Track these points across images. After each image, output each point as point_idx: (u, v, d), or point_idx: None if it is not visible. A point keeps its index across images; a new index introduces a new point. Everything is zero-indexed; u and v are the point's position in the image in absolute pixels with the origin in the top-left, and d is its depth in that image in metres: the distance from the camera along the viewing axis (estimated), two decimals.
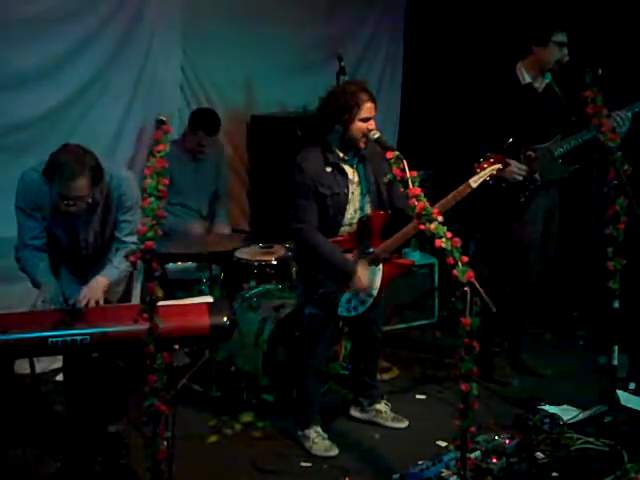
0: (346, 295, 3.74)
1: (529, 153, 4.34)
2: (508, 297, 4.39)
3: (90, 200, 3.41)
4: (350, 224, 3.76)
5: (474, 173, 3.57)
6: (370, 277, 3.77)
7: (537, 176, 4.36)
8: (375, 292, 3.81)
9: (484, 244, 4.85)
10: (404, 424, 4.10)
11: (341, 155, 3.71)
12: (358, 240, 3.74)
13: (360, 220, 3.75)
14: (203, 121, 4.95)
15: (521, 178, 4.30)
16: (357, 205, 3.75)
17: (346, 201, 3.72)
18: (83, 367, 3.58)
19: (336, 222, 3.73)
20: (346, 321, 4.06)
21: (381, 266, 3.80)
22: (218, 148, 5.28)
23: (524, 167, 4.31)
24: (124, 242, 3.58)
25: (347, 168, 3.73)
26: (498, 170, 3.60)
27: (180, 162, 4.90)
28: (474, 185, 3.55)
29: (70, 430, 3.70)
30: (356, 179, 3.75)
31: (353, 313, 3.78)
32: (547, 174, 4.37)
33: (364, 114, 3.61)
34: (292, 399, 4.09)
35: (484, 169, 3.57)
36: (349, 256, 3.73)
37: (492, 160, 3.60)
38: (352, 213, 3.75)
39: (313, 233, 3.66)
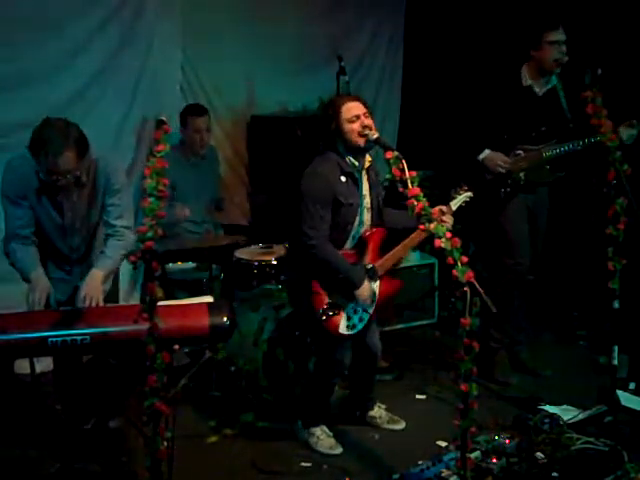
0: (346, 314, 3.72)
1: (518, 152, 4.37)
2: (501, 294, 4.39)
3: (78, 173, 3.40)
4: (354, 237, 3.76)
5: (452, 198, 3.86)
6: (375, 289, 3.78)
7: (521, 175, 4.38)
8: (372, 308, 3.80)
9: (478, 242, 4.87)
10: (401, 425, 4.09)
11: (356, 163, 3.70)
12: (358, 255, 3.75)
13: (362, 235, 3.76)
14: (187, 109, 5.01)
15: (503, 171, 4.34)
16: (361, 218, 3.75)
17: (357, 212, 3.72)
18: (73, 368, 3.58)
19: (345, 232, 3.72)
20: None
21: (378, 283, 3.81)
22: (214, 151, 5.28)
23: (509, 161, 4.33)
24: (113, 225, 3.57)
25: (360, 177, 3.74)
26: (469, 198, 3.89)
27: (181, 168, 4.89)
28: (454, 208, 3.83)
29: (70, 430, 3.71)
30: (365, 192, 3.76)
31: (352, 331, 3.75)
32: (532, 175, 4.40)
33: (346, 115, 3.62)
34: (295, 398, 4.09)
35: (459, 194, 3.86)
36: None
37: (466, 188, 3.88)
38: (357, 225, 3.75)
39: (326, 243, 3.63)
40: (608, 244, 3.72)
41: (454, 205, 3.83)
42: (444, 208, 3.74)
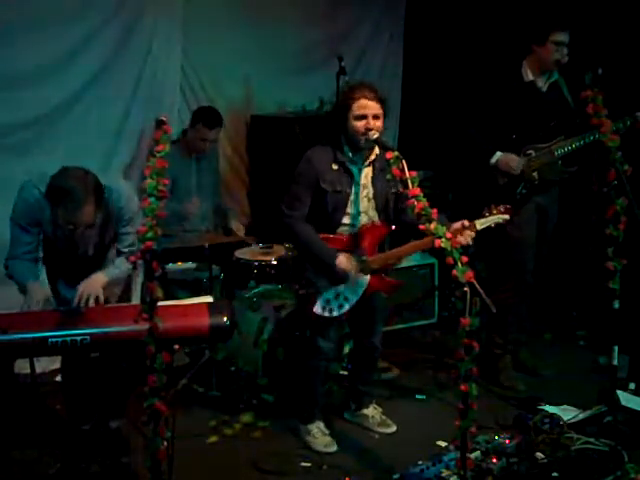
0: (326, 296, 3.75)
1: (529, 152, 4.35)
2: (506, 298, 4.38)
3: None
4: (352, 225, 3.75)
5: (482, 216, 3.66)
6: (356, 283, 3.78)
7: (535, 175, 4.36)
8: (355, 299, 3.80)
9: (480, 243, 4.85)
10: (392, 429, 4.08)
11: (350, 155, 3.71)
12: (355, 244, 3.76)
13: (362, 226, 3.76)
14: (202, 114, 4.95)
15: (518, 171, 4.31)
16: (360, 208, 3.74)
17: (347, 201, 3.71)
18: (82, 366, 3.58)
19: (335, 220, 3.73)
20: (348, 323, 4.09)
21: (368, 277, 3.80)
22: (215, 147, 5.27)
23: (522, 160, 4.31)
24: (124, 252, 3.58)
25: (355, 169, 3.73)
26: (504, 220, 3.69)
27: (182, 163, 4.89)
28: (479, 227, 3.63)
29: (70, 430, 3.71)
30: (363, 182, 3.75)
31: (328, 314, 3.77)
32: (546, 174, 4.37)
33: (356, 111, 3.60)
34: (294, 395, 4.09)
35: (492, 215, 3.68)
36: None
37: (502, 210, 3.69)
38: (354, 215, 3.74)
39: (299, 222, 3.69)
40: (608, 244, 3.72)
41: (480, 225, 3.63)
42: (466, 223, 3.58)
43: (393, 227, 3.87)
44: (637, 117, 4.14)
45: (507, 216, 3.70)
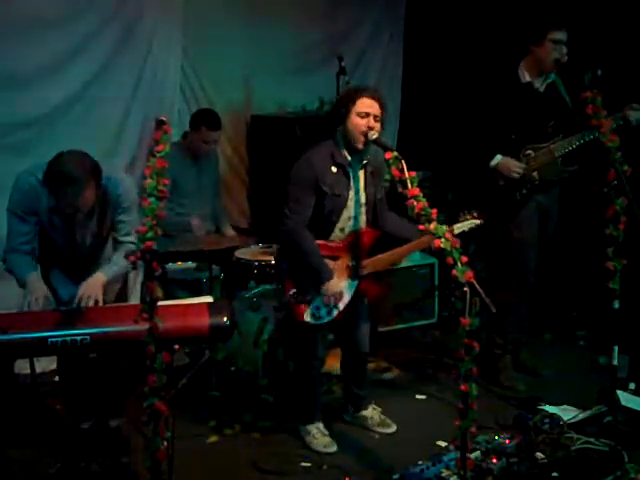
0: (316, 303, 3.74)
1: (528, 152, 4.35)
2: (506, 298, 4.37)
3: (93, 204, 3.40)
4: (342, 229, 3.75)
5: (458, 221, 3.83)
6: (343, 289, 3.78)
7: (535, 175, 4.36)
8: (342, 306, 3.80)
9: (481, 243, 4.85)
10: (392, 429, 4.08)
11: (348, 158, 3.71)
12: (347, 250, 3.76)
13: (353, 232, 3.76)
14: (204, 117, 4.94)
15: (517, 176, 4.31)
16: (352, 213, 3.75)
17: (344, 204, 3.72)
18: (79, 366, 3.58)
19: (329, 223, 3.72)
20: (331, 330, 4.08)
21: (356, 282, 3.81)
22: (215, 148, 5.27)
23: (523, 165, 4.31)
24: (121, 242, 3.58)
25: (352, 173, 3.73)
26: (476, 225, 3.86)
27: (182, 165, 4.89)
28: (456, 232, 3.74)
29: (70, 430, 3.71)
30: (358, 186, 3.75)
31: (317, 321, 3.77)
32: (546, 174, 4.37)
33: (360, 108, 3.61)
34: (293, 396, 4.10)
35: (467, 220, 3.83)
36: (332, 263, 3.73)
37: (475, 215, 3.85)
38: (346, 219, 3.75)
39: (300, 228, 3.66)
40: (608, 244, 3.72)
41: (457, 229, 3.76)
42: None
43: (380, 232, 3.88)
44: (627, 115, 4.13)
45: (479, 221, 3.82)
